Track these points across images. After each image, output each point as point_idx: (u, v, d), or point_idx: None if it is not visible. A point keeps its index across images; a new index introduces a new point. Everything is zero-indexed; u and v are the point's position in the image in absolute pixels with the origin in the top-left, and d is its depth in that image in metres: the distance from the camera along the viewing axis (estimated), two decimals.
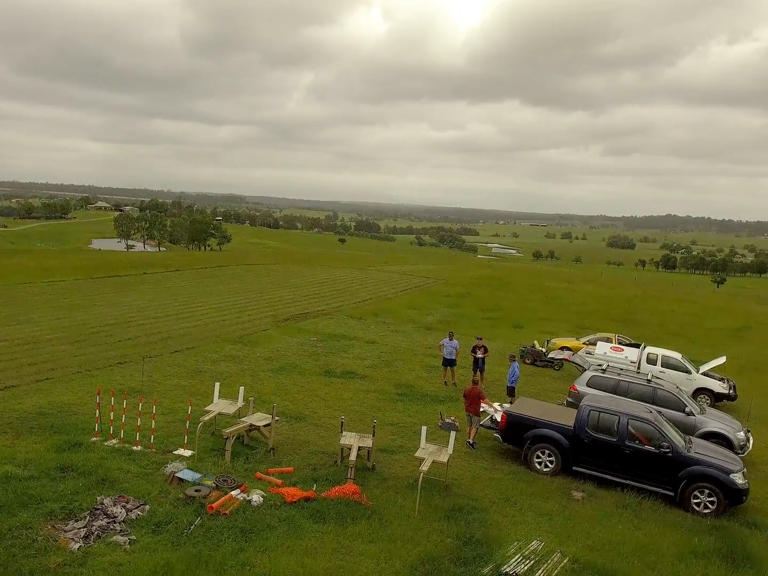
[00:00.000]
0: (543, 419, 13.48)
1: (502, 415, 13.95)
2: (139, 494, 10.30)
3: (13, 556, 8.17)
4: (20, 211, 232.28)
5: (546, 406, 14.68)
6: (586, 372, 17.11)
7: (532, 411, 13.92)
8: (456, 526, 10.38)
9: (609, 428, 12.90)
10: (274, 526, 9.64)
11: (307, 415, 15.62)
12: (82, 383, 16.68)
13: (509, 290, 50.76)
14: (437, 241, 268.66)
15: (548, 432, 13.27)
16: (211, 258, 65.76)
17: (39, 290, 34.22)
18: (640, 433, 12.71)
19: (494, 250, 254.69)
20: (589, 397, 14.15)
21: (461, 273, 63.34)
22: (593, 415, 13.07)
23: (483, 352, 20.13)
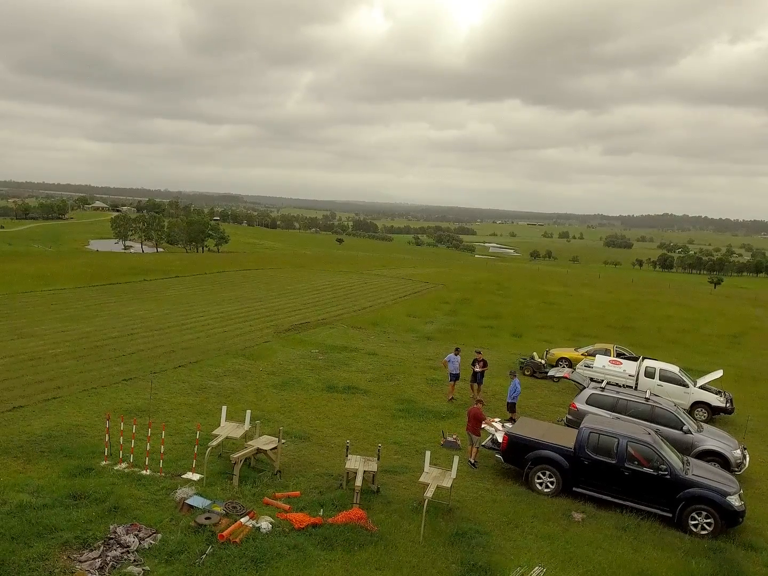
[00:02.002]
0: (544, 440, 13.74)
1: (504, 436, 14.22)
2: (151, 522, 10.55)
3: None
4: (17, 212, 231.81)
5: (547, 427, 14.94)
6: (586, 390, 17.38)
7: (533, 432, 14.18)
8: (460, 551, 10.65)
9: (608, 450, 13.17)
10: (283, 555, 9.89)
11: (312, 434, 15.87)
12: (90, 402, 16.91)
13: (507, 295, 51.04)
14: (435, 241, 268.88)
15: (549, 453, 13.55)
16: (210, 262, 65.89)
17: (41, 300, 34.35)
18: (639, 455, 12.99)
19: (492, 249, 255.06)
20: (590, 419, 14.41)
21: (459, 277, 63.65)
22: (593, 437, 13.35)
23: (482, 366, 20.46)
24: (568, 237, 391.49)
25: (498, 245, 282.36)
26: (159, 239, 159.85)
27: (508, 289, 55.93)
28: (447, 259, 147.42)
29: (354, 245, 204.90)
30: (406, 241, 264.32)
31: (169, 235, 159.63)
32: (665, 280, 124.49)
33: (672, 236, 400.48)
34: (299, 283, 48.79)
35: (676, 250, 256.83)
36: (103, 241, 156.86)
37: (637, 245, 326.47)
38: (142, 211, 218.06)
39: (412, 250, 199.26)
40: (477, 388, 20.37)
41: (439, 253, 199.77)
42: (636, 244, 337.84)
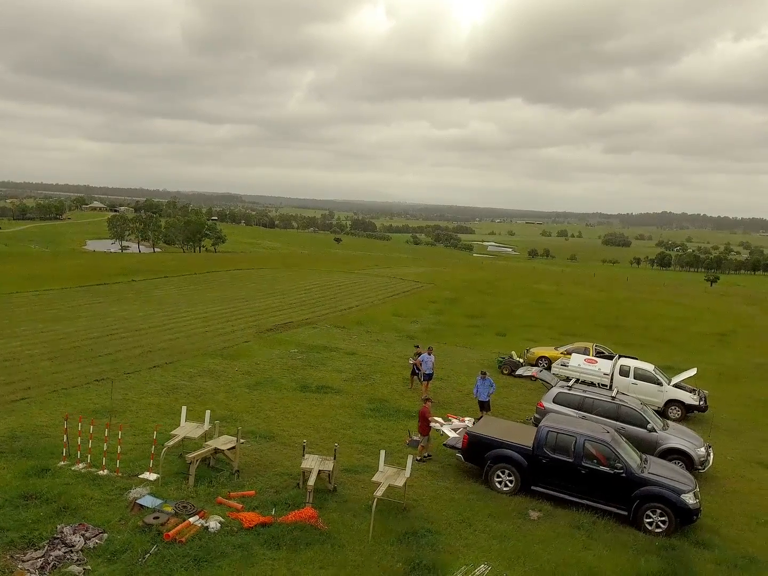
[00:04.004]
0: (503, 439, 13.79)
1: (464, 435, 14.26)
2: (100, 522, 10.59)
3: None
4: (15, 212, 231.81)
5: (509, 426, 14.98)
6: (553, 389, 17.42)
7: (494, 431, 14.22)
8: (408, 550, 10.68)
9: (566, 449, 13.21)
10: (228, 554, 9.94)
11: (278, 434, 15.91)
12: (58, 403, 16.95)
13: (498, 294, 51.10)
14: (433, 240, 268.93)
15: (508, 452, 13.59)
16: (201, 262, 65.96)
17: (26, 300, 34.44)
18: (596, 453, 13.02)
19: (490, 248, 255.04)
20: (550, 418, 14.46)
21: (451, 276, 63.66)
22: (551, 435, 13.38)
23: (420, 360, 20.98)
24: (566, 235, 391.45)
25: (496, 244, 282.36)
26: (156, 239, 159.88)
27: (498, 288, 55.96)
28: (444, 258, 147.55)
29: (352, 245, 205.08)
30: (405, 241, 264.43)
31: (166, 236, 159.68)
32: (661, 278, 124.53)
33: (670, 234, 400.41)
34: (288, 283, 48.84)
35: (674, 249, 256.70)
36: (100, 241, 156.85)
37: (635, 243, 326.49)
38: (140, 211, 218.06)
39: (410, 250, 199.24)
40: (413, 380, 21.14)
41: (436, 253, 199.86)
42: (634, 242, 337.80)
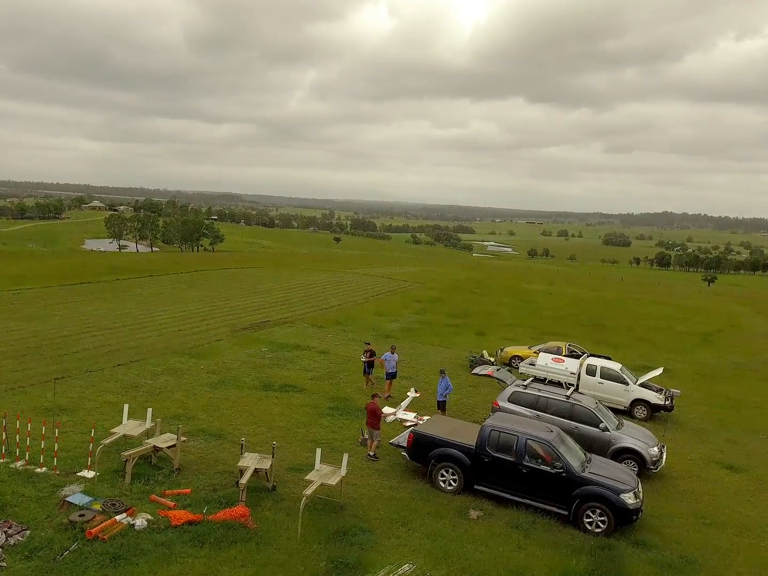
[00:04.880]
0: (447, 438, 13.72)
1: (409, 434, 14.20)
2: (26, 519, 10.56)
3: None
4: (14, 212, 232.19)
5: (457, 425, 14.91)
6: (508, 387, 17.35)
7: (440, 430, 14.16)
8: (336, 549, 10.62)
9: (508, 448, 13.13)
10: (148, 551, 9.89)
11: (229, 433, 15.84)
12: (11, 401, 16.91)
13: (484, 294, 51.02)
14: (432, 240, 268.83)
15: (451, 451, 13.52)
16: (191, 262, 65.96)
17: (4, 299, 34.42)
18: (537, 452, 12.95)
19: (490, 248, 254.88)
20: (495, 416, 14.40)
21: (442, 275, 63.60)
22: (494, 434, 13.31)
23: (368, 356, 21.29)
24: (566, 235, 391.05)
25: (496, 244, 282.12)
26: (154, 239, 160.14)
27: (486, 287, 55.88)
28: (442, 257, 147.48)
29: (351, 244, 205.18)
30: (404, 240, 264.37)
31: (164, 235, 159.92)
32: (659, 278, 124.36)
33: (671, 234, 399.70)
34: (273, 282, 48.81)
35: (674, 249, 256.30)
36: (98, 240, 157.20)
37: (635, 243, 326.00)
38: (139, 210, 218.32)
39: (409, 249, 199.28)
40: (369, 378, 21.27)
41: (435, 252, 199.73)
42: (635, 242, 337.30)
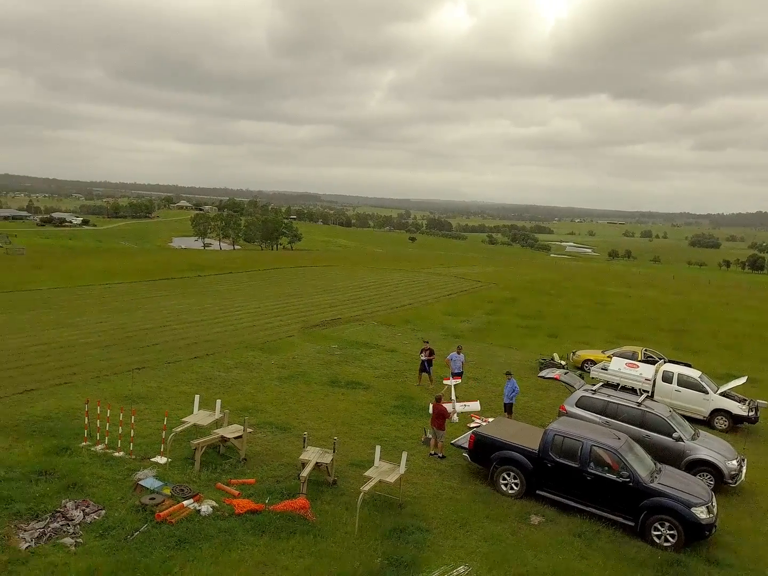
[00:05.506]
0: (509, 441, 13.50)
1: (471, 435, 14.08)
2: (103, 499, 11.23)
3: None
4: (109, 211, 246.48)
5: (520, 428, 14.65)
6: (576, 392, 16.87)
7: (502, 432, 13.96)
8: (392, 546, 10.69)
9: (572, 453, 12.78)
10: (211, 537, 10.29)
11: (295, 426, 16.22)
12: (96, 388, 18.00)
13: (559, 295, 49.74)
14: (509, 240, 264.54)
15: (513, 454, 13.30)
16: (268, 259, 67.87)
17: (95, 293, 36.65)
18: (602, 459, 12.54)
19: (568, 249, 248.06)
20: (560, 421, 14.04)
21: (516, 276, 62.51)
22: (557, 439, 12.99)
23: (428, 354, 21.08)
24: (650, 236, 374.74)
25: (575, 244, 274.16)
26: (236, 237, 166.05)
27: (562, 288, 54.45)
28: (518, 258, 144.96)
29: (426, 244, 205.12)
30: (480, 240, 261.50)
31: (245, 233, 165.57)
32: (751, 282, 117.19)
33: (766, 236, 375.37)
34: (347, 281, 49.48)
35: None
36: (185, 238, 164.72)
37: (725, 245, 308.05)
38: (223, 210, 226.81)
39: (484, 249, 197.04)
40: (428, 377, 21.10)
41: (511, 253, 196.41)
42: (724, 243, 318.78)
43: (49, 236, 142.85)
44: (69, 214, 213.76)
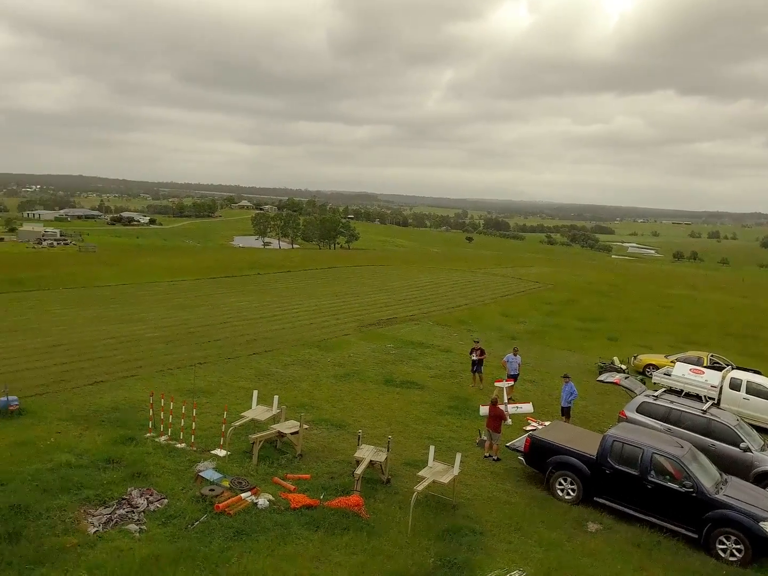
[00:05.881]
0: (566, 446, 13.26)
1: (526, 439, 13.90)
2: (165, 488, 11.65)
3: (41, 534, 9.72)
4: (174, 210, 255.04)
5: (577, 432, 14.35)
6: (637, 397, 16.39)
7: (559, 436, 13.72)
8: (445, 547, 10.67)
9: (632, 460, 12.45)
10: (267, 529, 10.52)
11: (350, 424, 16.39)
12: (160, 381, 18.67)
13: (620, 297, 48.44)
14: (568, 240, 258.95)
15: (570, 459, 13.06)
16: (326, 258, 68.72)
17: (161, 290, 38.00)
18: (664, 468, 12.15)
19: (630, 250, 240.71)
20: (619, 427, 13.68)
21: (575, 277, 61.18)
22: (616, 445, 12.68)
23: (479, 354, 20.92)
24: (718, 237, 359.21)
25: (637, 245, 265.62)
26: (294, 236, 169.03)
27: (623, 290, 52.99)
28: (578, 259, 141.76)
29: (483, 244, 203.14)
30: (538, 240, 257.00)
31: (304, 233, 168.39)
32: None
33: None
34: (403, 280, 49.57)
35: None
36: (245, 237, 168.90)
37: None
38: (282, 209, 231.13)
39: (542, 250, 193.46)
40: (479, 378, 20.94)
41: (570, 253, 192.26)
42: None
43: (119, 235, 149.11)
44: (137, 214, 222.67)
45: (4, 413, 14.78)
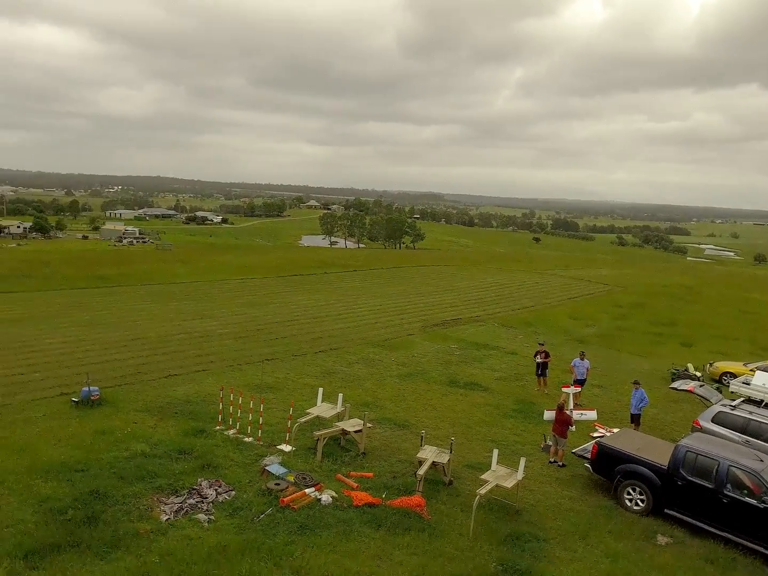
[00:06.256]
0: (636, 454, 12.82)
1: (594, 446, 13.54)
2: (233, 480, 12.04)
3: (117, 519, 10.24)
4: (245, 210, 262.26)
5: (647, 441, 13.84)
6: (713, 407, 15.67)
7: (628, 444, 13.28)
8: (507, 552, 10.54)
9: (707, 473, 11.90)
10: (330, 525, 10.70)
11: (413, 424, 16.43)
12: (230, 376, 19.29)
13: (695, 301, 46.40)
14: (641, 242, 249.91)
15: (640, 468, 12.63)
16: (391, 258, 69.03)
17: (232, 287, 39.22)
18: (742, 482, 11.57)
19: (707, 251, 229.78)
20: (693, 437, 13.12)
21: (647, 280, 59.00)
22: (690, 456, 12.16)
23: (543, 357, 20.59)
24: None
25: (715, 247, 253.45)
26: (361, 236, 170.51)
27: (699, 294, 50.69)
28: (651, 261, 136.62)
29: (551, 244, 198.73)
30: (609, 241, 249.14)
31: (370, 232, 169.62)
32: None
33: None
34: (468, 280, 49.21)
35: None
36: (313, 236, 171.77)
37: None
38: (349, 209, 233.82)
39: (613, 251, 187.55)
40: (543, 381, 20.57)
41: (642, 255, 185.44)
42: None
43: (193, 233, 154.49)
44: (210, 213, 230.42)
45: (86, 403, 15.66)
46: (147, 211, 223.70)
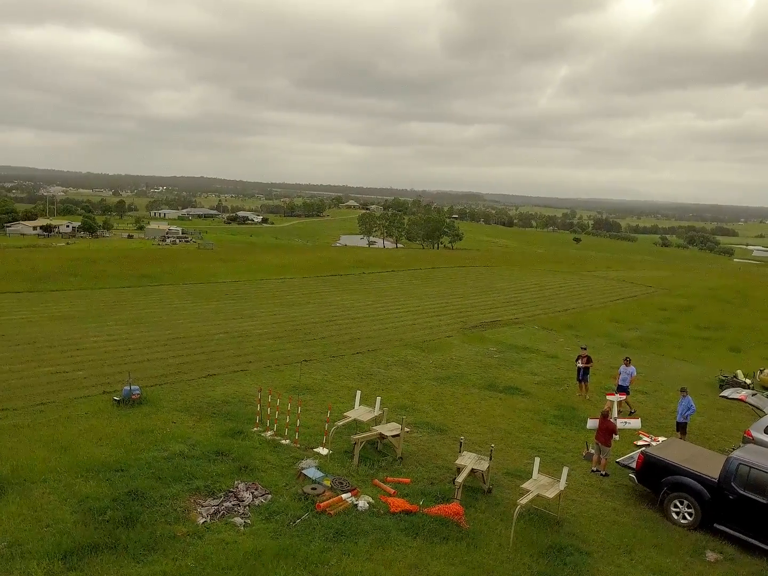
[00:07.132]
0: (683, 465, 12.32)
1: (639, 456, 13.06)
2: (269, 484, 12.01)
3: (155, 521, 10.29)
4: (285, 210, 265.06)
5: (696, 452, 13.29)
6: (766, 417, 14.98)
7: (675, 455, 12.78)
8: (548, 565, 10.22)
9: (760, 487, 11.34)
10: (367, 533, 10.55)
11: (451, 429, 16.17)
12: (268, 377, 19.35)
13: (744, 305, 44.75)
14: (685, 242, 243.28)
15: (688, 480, 12.12)
16: (429, 258, 68.66)
17: (271, 286, 39.51)
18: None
19: (756, 253, 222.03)
20: (747, 449, 12.53)
21: (693, 282, 57.29)
22: (742, 469, 11.61)
23: (585, 362, 20.09)
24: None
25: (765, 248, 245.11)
26: (399, 236, 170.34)
27: (748, 297, 48.88)
28: (696, 262, 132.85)
29: (592, 245, 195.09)
30: (652, 242, 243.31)
31: (408, 232, 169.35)
32: None
33: None
34: (507, 282, 48.57)
35: None
36: (351, 236, 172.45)
37: None
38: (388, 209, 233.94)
39: (656, 252, 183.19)
40: (584, 386, 20.07)
41: (687, 256, 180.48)
42: None
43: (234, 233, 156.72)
44: (251, 213, 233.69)
45: (127, 402, 15.87)
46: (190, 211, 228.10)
